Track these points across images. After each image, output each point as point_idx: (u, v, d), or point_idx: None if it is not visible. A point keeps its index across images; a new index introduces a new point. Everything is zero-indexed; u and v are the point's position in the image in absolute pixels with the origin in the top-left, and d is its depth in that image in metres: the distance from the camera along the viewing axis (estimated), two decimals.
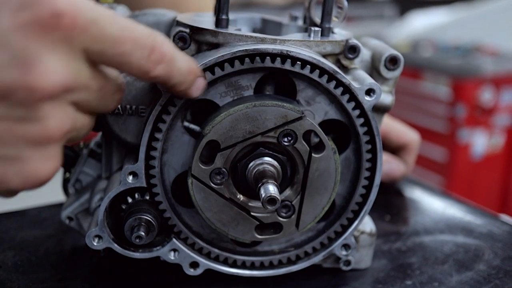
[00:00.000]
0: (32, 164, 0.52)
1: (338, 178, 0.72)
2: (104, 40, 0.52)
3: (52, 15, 0.49)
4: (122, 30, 0.53)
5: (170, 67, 0.58)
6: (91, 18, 0.51)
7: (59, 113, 0.52)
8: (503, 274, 0.81)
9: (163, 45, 0.56)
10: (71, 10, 0.49)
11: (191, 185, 0.68)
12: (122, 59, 0.54)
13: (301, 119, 0.67)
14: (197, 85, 0.63)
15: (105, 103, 0.59)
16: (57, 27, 0.49)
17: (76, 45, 0.51)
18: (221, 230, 0.71)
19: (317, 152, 0.70)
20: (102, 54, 0.53)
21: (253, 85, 0.69)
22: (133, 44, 0.54)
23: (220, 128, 0.66)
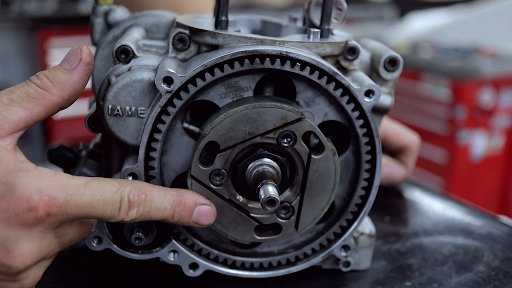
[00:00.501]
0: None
1: (338, 180, 0.72)
2: (78, 209, 0.60)
3: (29, 209, 0.57)
4: (92, 196, 0.61)
5: (144, 208, 0.64)
6: (65, 200, 0.59)
7: (32, 273, 0.63)
8: (503, 275, 0.81)
9: (131, 193, 0.63)
10: (45, 201, 0.58)
11: (190, 186, 0.68)
12: (95, 217, 0.62)
13: (300, 120, 0.67)
14: (200, 213, 0.67)
15: (76, 242, 0.67)
16: (33, 218, 0.58)
17: (51, 225, 0.60)
18: (220, 231, 0.71)
19: (317, 153, 0.70)
20: (76, 218, 0.61)
21: (252, 86, 0.69)
22: (103, 204, 0.61)
23: (219, 129, 0.66)
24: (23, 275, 0.62)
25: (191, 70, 0.65)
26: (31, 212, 0.58)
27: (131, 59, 0.70)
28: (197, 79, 0.66)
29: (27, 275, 0.62)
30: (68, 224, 0.64)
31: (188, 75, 0.65)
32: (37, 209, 0.58)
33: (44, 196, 0.58)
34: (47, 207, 0.58)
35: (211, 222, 0.68)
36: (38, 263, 0.63)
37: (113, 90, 0.68)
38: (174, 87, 0.66)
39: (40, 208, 0.58)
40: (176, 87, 0.66)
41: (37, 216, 0.58)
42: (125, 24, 0.81)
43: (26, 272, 0.61)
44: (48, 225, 0.60)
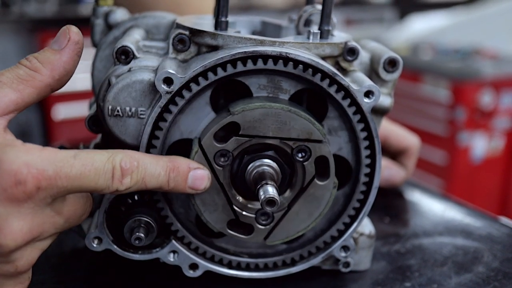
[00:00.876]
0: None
1: (325, 212, 0.72)
2: (69, 181, 0.58)
3: (16, 183, 0.55)
4: (83, 166, 0.59)
5: (138, 176, 0.62)
6: (54, 172, 0.57)
7: (26, 254, 0.61)
8: (502, 276, 0.81)
9: (122, 161, 0.61)
10: (34, 174, 0.56)
11: (194, 154, 0.67)
12: (88, 188, 0.60)
13: (321, 143, 0.68)
14: (195, 177, 0.66)
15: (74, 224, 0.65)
16: (22, 193, 0.56)
17: (42, 201, 0.58)
18: (197, 208, 0.70)
19: (320, 179, 0.71)
20: (69, 191, 0.59)
21: (291, 92, 0.70)
22: (95, 174, 0.59)
23: (249, 115, 0.66)
24: (15, 256, 0.60)
25: (191, 71, 0.66)
26: (20, 186, 0.55)
27: (131, 60, 0.70)
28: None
29: (20, 256, 0.60)
30: (61, 201, 0.61)
31: (188, 76, 0.66)
32: (26, 182, 0.55)
33: (32, 169, 0.56)
34: (36, 181, 0.56)
35: (207, 186, 0.67)
36: (31, 243, 0.61)
37: (113, 91, 0.68)
38: (174, 87, 0.66)
39: (29, 182, 0.56)
40: (176, 87, 0.66)
41: (26, 191, 0.56)
42: (125, 25, 0.81)
43: (18, 252, 0.60)
44: (39, 200, 0.58)
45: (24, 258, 0.61)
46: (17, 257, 0.60)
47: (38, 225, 0.59)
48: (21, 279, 0.63)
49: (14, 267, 0.60)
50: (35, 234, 0.59)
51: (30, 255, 0.61)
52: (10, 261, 0.60)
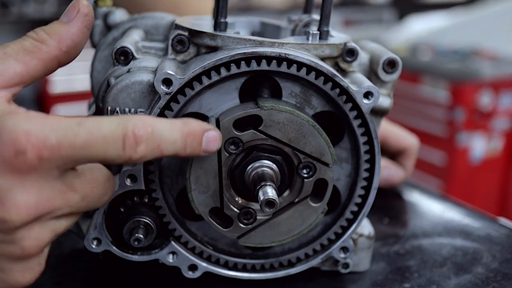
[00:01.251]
0: (12, 274, 0.57)
1: (303, 232, 0.73)
2: (74, 151, 0.53)
3: (16, 153, 0.51)
4: (89, 134, 0.54)
5: (153, 143, 0.57)
6: (57, 141, 0.53)
7: (35, 233, 0.55)
8: (501, 277, 0.81)
9: (135, 128, 0.56)
10: (34, 144, 0.52)
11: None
12: (97, 159, 0.55)
13: (328, 167, 0.69)
14: (208, 139, 0.62)
15: (90, 207, 0.60)
16: (23, 163, 0.52)
17: (47, 173, 0.54)
18: (188, 184, 0.68)
19: (313, 200, 0.71)
20: (76, 162, 0.55)
21: (317, 109, 0.71)
22: (103, 142, 0.54)
23: (275, 114, 0.66)
24: (22, 234, 0.54)
25: (190, 72, 0.66)
26: (20, 156, 0.51)
27: (130, 61, 0.70)
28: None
29: (27, 235, 0.55)
30: (74, 175, 0.57)
31: (187, 77, 0.66)
32: (26, 152, 0.51)
33: (32, 138, 0.51)
34: (37, 150, 0.52)
35: (219, 146, 0.63)
36: (40, 222, 0.55)
37: (112, 91, 0.68)
38: (173, 88, 0.66)
39: (29, 151, 0.51)
40: (175, 88, 0.66)
41: (27, 161, 0.52)
42: (124, 26, 0.81)
43: (25, 230, 0.54)
44: (44, 172, 0.53)
45: (31, 238, 0.55)
46: (23, 235, 0.55)
47: (46, 199, 0.54)
48: (31, 264, 0.57)
49: (20, 248, 0.55)
50: (43, 209, 0.54)
51: (39, 236, 0.56)
52: (16, 240, 0.54)
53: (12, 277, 0.57)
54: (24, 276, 0.57)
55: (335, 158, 0.69)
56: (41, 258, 0.59)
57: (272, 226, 0.72)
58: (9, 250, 0.55)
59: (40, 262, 0.59)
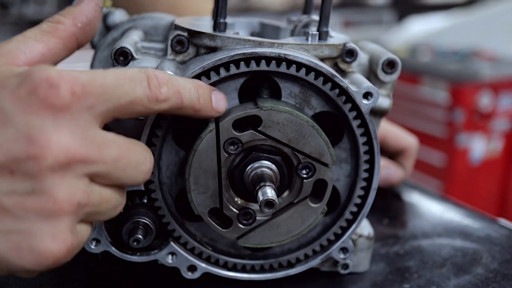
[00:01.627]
0: (42, 238, 0.52)
1: (303, 233, 0.73)
2: (105, 90, 0.54)
3: (49, 87, 0.51)
4: (116, 75, 0.55)
5: (173, 87, 0.59)
6: (87, 80, 0.53)
7: (67, 184, 0.52)
8: (501, 278, 0.81)
9: (155, 72, 0.58)
10: (66, 79, 0.52)
11: (208, 132, 0.66)
12: (127, 99, 0.55)
13: (328, 168, 0.69)
14: (217, 97, 0.64)
15: (129, 175, 0.57)
16: (56, 97, 0.51)
17: (79, 110, 0.52)
18: (187, 184, 0.68)
19: (312, 201, 0.71)
20: (107, 104, 0.54)
21: (317, 110, 0.70)
22: (131, 82, 0.56)
23: (274, 115, 0.66)
24: (53, 180, 0.50)
25: (189, 72, 0.65)
26: (52, 89, 0.51)
27: (129, 61, 0.70)
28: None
29: (58, 183, 0.51)
30: (106, 132, 0.55)
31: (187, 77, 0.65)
32: (59, 86, 0.51)
33: (63, 75, 0.52)
34: (69, 85, 0.51)
35: (226, 107, 0.65)
36: (74, 172, 0.52)
37: None
38: None
39: (62, 85, 0.51)
40: None
41: (60, 95, 0.51)
42: (123, 27, 0.81)
43: (56, 176, 0.51)
44: (76, 113, 0.52)
45: (63, 188, 0.51)
46: (54, 183, 0.51)
47: (79, 144, 0.52)
48: (61, 226, 0.52)
49: (51, 199, 0.51)
50: (76, 154, 0.52)
51: (71, 189, 0.52)
52: (47, 189, 0.51)
53: (41, 242, 0.51)
54: (55, 241, 0.52)
55: (335, 159, 0.69)
56: (71, 223, 0.53)
57: (272, 227, 0.72)
58: (39, 203, 0.51)
59: (70, 228, 0.53)
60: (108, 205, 0.57)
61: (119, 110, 0.55)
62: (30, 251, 0.52)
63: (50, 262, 0.53)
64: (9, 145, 0.50)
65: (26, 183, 0.51)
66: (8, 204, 0.51)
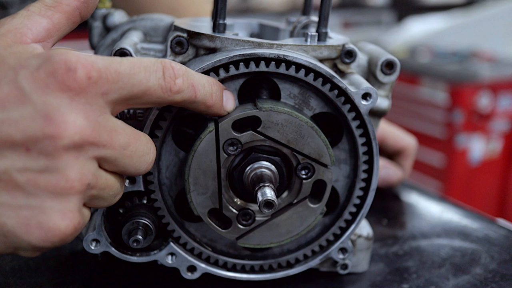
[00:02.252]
0: (52, 215, 0.54)
1: (302, 233, 0.73)
2: (120, 77, 0.55)
3: (67, 70, 0.52)
4: (132, 63, 0.56)
5: (188, 80, 0.60)
6: (103, 66, 0.54)
7: (80, 164, 0.54)
8: (500, 278, 0.81)
9: (172, 63, 0.59)
10: (84, 63, 0.53)
11: (208, 132, 0.66)
12: (140, 88, 0.57)
13: (327, 168, 0.69)
14: (227, 96, 0.65)
15: (134, 163, 0.59)
16: (73, 81, 0.53)
17: (93, 95, 0.54)
18: (186, 185, 0.68)
19: (311, 201, 0.71)
20: (121, 91, 0.56)
21: (316, 110, 0.71)
22: (146, 71, 0.57)
23: (274, 116, 0.66)
24: (67, 160, 0.52)
25: None
26: (70, 72, 0.52)
27: None
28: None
29: (72, 163, 0.53)
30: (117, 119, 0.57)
31: None
32: (76, 69, 0.53)
33: (81, 59, 0.53)
34: (86, 70, 0.53)
35: (234, 107, 0.66)
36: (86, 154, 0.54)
37: None
38: None
39: (79, 69, 0.53)
40: None
41: (77, 78, 0.53)
42: (123, 28, 0.81)
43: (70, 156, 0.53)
44: (90, 97, 0.54)
45: (76, 168, 0.53)
46: (68, 162, 0.53)
47: (92, 127, 0.54)
48: (71, 205, 0.54)
49: (64, 177, 0.53)
50: (89, 137, 0.54)
51: (83, 169, 0.54)
52: (60, 168, 0.53)
53: (50, 219, 0.53)
54: (64, 219, 0.54)
55: (334, 159, 0.69)
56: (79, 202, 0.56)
57: (271, 227, 0.72)
58: (52, 180, 0.53)
59: (78, 207, 0.56)
60: (110, 191, 0.60)
61: (133, 98, 0.57)
62: (38, 227, 0.53)
63: (57, 239, 0.55)
64: (27, 123, 0.51)
65: (41, 161, 0.52)
66: (21, 181, 0.52)
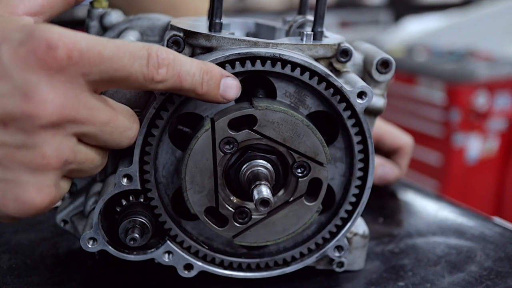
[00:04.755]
0: (28, 189, 0.55)
1: (298, 231, 0.73)
2: (102, 61, 0.55)
3: (48, 48, 0.52)
4: (117, 47, 0.56)
5: (174, 70, 0.59)
6: (86, 46, 0.54)
7: (57, 141, 0.55)
8: (495, 275, 0.81)
9: (158, 51, 0.58)
10: (66, 43, 0.53)
11: (204, 131, 0.66)
12: (122, 73, 0.56)
13: (323, 167, 0.70)
14: (226, 85, 0.64)
15: (115, 139, 0.60)
16: (53, 59, 0.53)
17: (74, 74, 0.54)
18: (183, 184, 0.69)
19: (307, 199, 0.72)
20: (102, 74, 0.56)
21: (312, 109, 0.71)
22: (130, 57, 0.56)
23: (269, 114, 0.67)
24: (44, 137, 0.53)
25: None
26: (50, 51, 0.52)
27: None
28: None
29: (49, 140, 0.54)
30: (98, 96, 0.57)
31: None
32: (57, 48, 0.52)
33: (64, 38, 0.53)
34: (68, 49, 0.53)
35: (237, 95, 0.65)
36: (64, 131, 0.55)
37: (108, 92, 0.68)
38: None
39: (60, 48, 0.52)
40: None
41: (57, 57, 0.52)
42: (120, 27, 0.82)
43: (48, 133, 0.54)
44: (70, 76, 0.54)
45: (53, 145, 0.54)
46: (45, 140, 0.54)
47: (71, 105, 0.54)
48: (47, 181, 0.56)
49: (40, 154, 0.54)
50: (68, 114, 0.54)
51: (60, 146, 0.55)
52: (37, 144, 0.54)
53: (26, 193, 0.55)
54: (40, 193, 0.55)
55: (330, 158, 0.70)
56: (56, 177, 0.57)
57: (267, 225, 0.72)
58: (28, 156, 0.54)
59: (55, 182, 0.57)
60: (91, 164, 0.61)
61: (114, 82, 0.57)
62: (14, 200, 0.55)
63: (32, 212, 0.57)
64: (5, 99, 0.52)
65: (18, 137, 0.53)
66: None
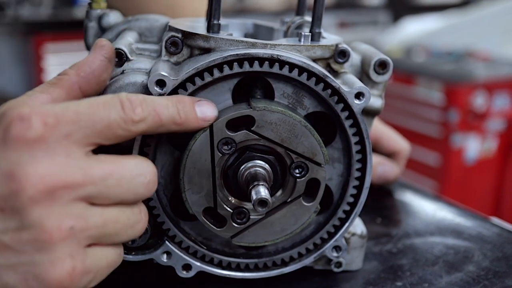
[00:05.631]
0: (43, 267, 0.54)
1: (297, 232, 0.73)
2: (80, 117, 0.56)
3: (20, 121, 0.53)
4: (89, 103, 0.57)
5: (148, 106, 0.60)
6: (60, 109, 0.55)
7: (55, 212, 0.53)
8: (492, 275, 0.82)
9: (128, 95, 0.60)
10: (37, 111, 0.54)
11: (202, 132, 0.66)
12: (103, 123, 0.57)
13: (321, 167, 0.70)
14: (201, 107, 0.65)
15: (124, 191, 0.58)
16: (29, 130, 0.53)
17: (55, 139, 0.54)
18: (181, 184, 0.69)
19: (305, 200, 0.72)
20: (85, 130, 0.56)
21: (310, 110, 0.71)
22: (104, 107, 0.57)
23: (267, 115, 0.67)
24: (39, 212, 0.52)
25: (183, 73, 0.66)
26: (24, 122, 0.53)
27: (124, 63, 0.71)
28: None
29: (46, 213, 0.52)
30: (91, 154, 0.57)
31: (181, 78, 0.66)
32: (30, 118, 0.53)
33: (35, 109, 0.54)
34: (41, 117, 0.53)
35: (216, 114, 0.65)
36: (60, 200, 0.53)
37: (106, 93, 0.69)
38: (166, 90, 0.66)
39: (33, 118, 0.53)
40: (168, 90, 0.66)
41: (32, 126, 0.53)
42: (118, 28, 0.82)
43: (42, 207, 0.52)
44: (52, 142, 0.53)
45: (52, 217, 0.53)
46: (41, 214, 0.52)
47: (60, 171, 0.53)
48: (58, 254, 0.53)
49: (42, 229, 0.52)
50: (59, 181, 0.53)
51: (60, 216, 0.53)
52: (35, 222, 0.52)
53: (44, 271, 0.54)
54: (54, 268, 0.54)
55: (327, 158, 0.70)
56: (70, 247, 0.54)
57: (265, 226, 0.72)
58: (32, 235, 0.53)
59: (72, 253, 0.55)
60: (118, 225, 0.59)
61: (98, 135, 0.57)
62: (36, 280, 0.54)
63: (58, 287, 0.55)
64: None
65: (15, 219, 0.53)
66: (6, 241, 0.53)
